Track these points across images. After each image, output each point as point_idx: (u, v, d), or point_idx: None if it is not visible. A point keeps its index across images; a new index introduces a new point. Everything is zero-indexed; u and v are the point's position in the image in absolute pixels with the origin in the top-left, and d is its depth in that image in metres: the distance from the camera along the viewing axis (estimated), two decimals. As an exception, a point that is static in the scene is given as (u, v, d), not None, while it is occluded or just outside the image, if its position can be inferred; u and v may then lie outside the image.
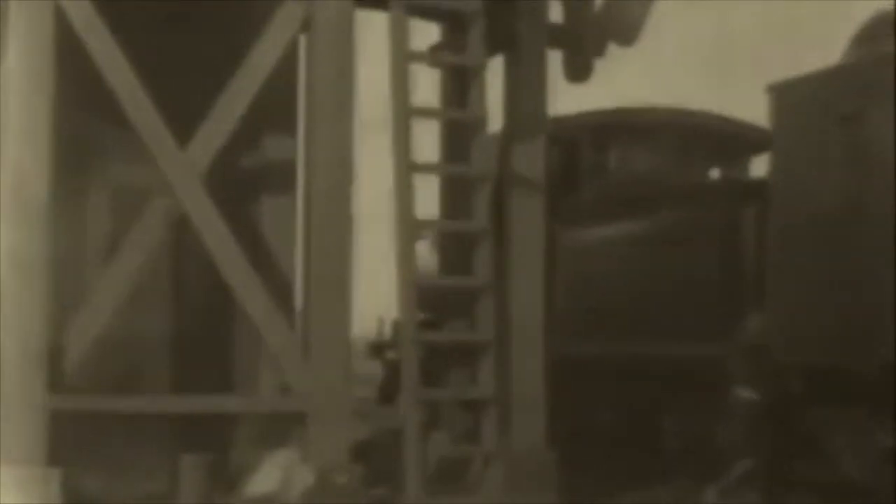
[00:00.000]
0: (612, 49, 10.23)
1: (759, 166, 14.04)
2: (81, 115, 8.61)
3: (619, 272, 13.36)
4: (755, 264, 11.66)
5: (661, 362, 12.57)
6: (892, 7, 11.04)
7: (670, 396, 12.62)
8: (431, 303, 9.62)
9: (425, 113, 9.07)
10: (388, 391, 17.68)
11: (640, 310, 13.00)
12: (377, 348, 19.21)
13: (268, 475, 8.72)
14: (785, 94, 11.38)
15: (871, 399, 10.29)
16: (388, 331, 18.95)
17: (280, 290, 8.96)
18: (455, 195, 9.91)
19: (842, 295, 10.60)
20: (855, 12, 11.33)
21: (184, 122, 8.25)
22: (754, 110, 12.45)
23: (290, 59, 8.85)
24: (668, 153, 14.53)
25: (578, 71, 10.17)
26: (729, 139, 14.46)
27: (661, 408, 12.84)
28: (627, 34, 10.03)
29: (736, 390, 11.70)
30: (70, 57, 8.02)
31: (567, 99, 10.70)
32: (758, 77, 11.79)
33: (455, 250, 9.97)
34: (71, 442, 8.15)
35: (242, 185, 9.28)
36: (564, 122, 13.54)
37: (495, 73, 9.62)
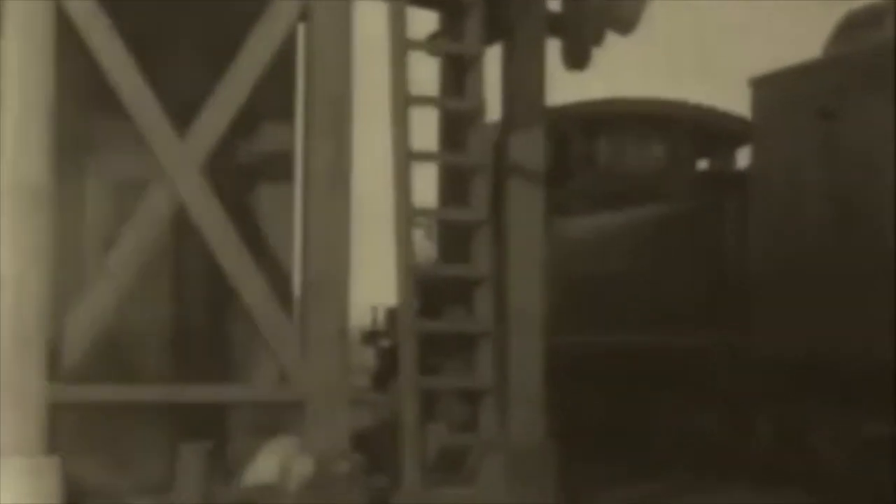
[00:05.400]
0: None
1: (746, 157, 14.16)
2: (80, 107, 8.59)
3: (607, 262, 13.48)
4: (737, 255, 11.78)
5: (648, 352, 12.67)
6: (871, 3, 11.10)
7: (658, 386, 12.72)
8: (426, 291, 9.63)
9: (424, 101, 9.05)
10: (382, 379, 17.84)
11: (627, 299, 13.11)
12: (371, 337, 19.38)
13: (266, 464, 8.73)
14: (765, 88, 11.51)
15: (854, 392, 10.34)
16: (381, 319, 19.12)
17: (278, 279, 8.95)
18: (453, 184, 9.91)
19: (822, 289, 10.67)
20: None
21: (182, 113, 8.24)
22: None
23: (288, 48, 8.84)
24: (657, 144, 14.71)
25: (577, 59, 10.16)
26: (716, 130, 14.62)
27: (648, 397, 12.93)
28: (626, 22, 10.02)
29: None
30: (69, 48, 8.00)
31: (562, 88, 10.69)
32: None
33: (453, 239, 9.97)
34: (69, 432, 8.16)
35: (241, 175, 9.26)
36: (554, 113, 13.61)
37: (494, 61, 9.62)
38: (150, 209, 8.24)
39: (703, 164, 15.28)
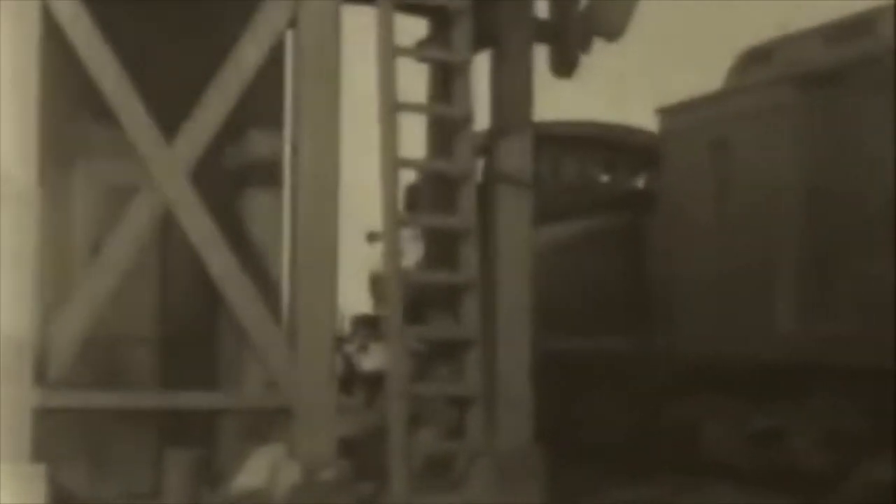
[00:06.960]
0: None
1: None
2: (68, 111, 8.59)
3: (546, 272, 14.05)
4: (656, 267, 12.51)
5: (576, 357, 13.27)
6: (764, 39, 11.93)
7: (587, 389, 13.33)
8: (411, 297, 9.66)
9: (412, 108, 9.06)
10: (347, 384, 18.55)
11: (559, 308, 13.64)
12: (336, 342, 19.89)
13: (254, 471, 8.72)
14: (670, 116, 12.31)
15: (745, 388, 11.31)
16: (346, 325, 19.77)
17: (266, 285, 8.95)
18: (438, 189, 9.93)
19: (715, 298, 11.68)
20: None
21: (170, 119, 8.24)
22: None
23: (276, 54, 8.84)
24: (595, 163, 15.56)
25: (564, 66, 10.19)
26: (651, 151, 15.11)
27: (578, 400, 13.53)
28: (613, 29, 10.05)
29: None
30: (56, 53, 8.00)
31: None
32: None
33: (438, 246, 9.99)
34: (56, 437, 8.14)
35: (229, 181, 9.27)
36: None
37: (483, 69, 9.64)
38: (136, 214, 8.22)
39: (640, 182, 16.02)
